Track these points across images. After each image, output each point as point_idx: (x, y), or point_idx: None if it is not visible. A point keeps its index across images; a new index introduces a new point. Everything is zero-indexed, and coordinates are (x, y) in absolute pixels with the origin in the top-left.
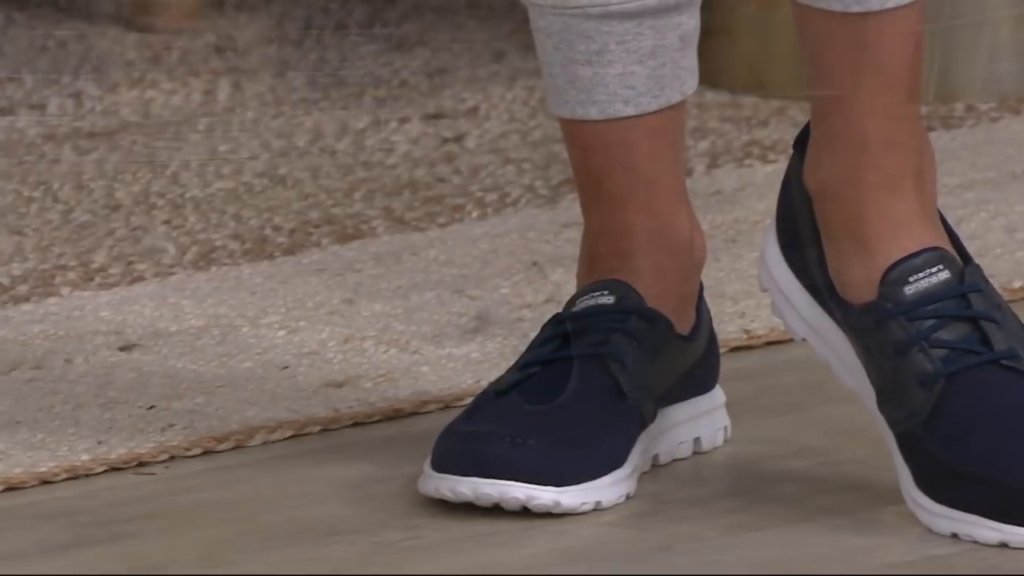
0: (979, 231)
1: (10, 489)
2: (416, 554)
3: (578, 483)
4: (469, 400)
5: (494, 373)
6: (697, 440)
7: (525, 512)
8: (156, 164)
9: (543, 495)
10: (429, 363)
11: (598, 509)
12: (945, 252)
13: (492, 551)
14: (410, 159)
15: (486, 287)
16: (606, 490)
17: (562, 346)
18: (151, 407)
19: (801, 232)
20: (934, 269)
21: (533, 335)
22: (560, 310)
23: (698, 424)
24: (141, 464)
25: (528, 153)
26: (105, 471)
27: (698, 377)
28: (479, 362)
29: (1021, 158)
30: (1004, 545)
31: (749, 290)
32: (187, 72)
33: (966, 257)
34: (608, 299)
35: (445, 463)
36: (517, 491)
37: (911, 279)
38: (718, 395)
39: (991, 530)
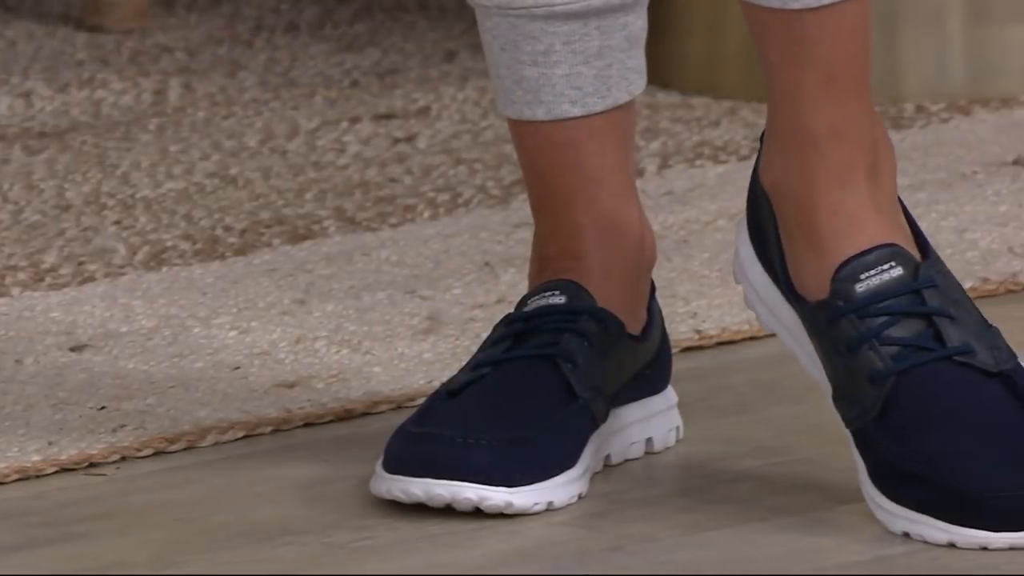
0: (929, 231)
1: None
2: (368, 554)
3: (530, 483)
4: (421, 400)
5: (446, 373)
6: (649, 440)
7: (477, 513)
8: (106, 164)
9: (495, 496)
10: (381, 363)
11: (550, 509)
12: (898, 248)
13: (444, 552)
14: (361, 159)
15: (438, 287)
16: (558, 490)
17: (513, 346)
18: (102, 408)
19: (764, 228)
20: (886, 266)
21: (485, 335)
22: (512, 310)
23: (650, 424)
24: (92, 465)
25: (480, 153)
26: (56, 472)
27: (650, 377)
28: (431, 362)
29: (971, 159)
30: (952, 545)
31: (700, 290)
32: (137, 72)
33: (926, 250)
34: (559, 299)
35: (397, 464)
36: (469, 492)
37: (862, 276)
38: (670, 395)
39: (939, 530)
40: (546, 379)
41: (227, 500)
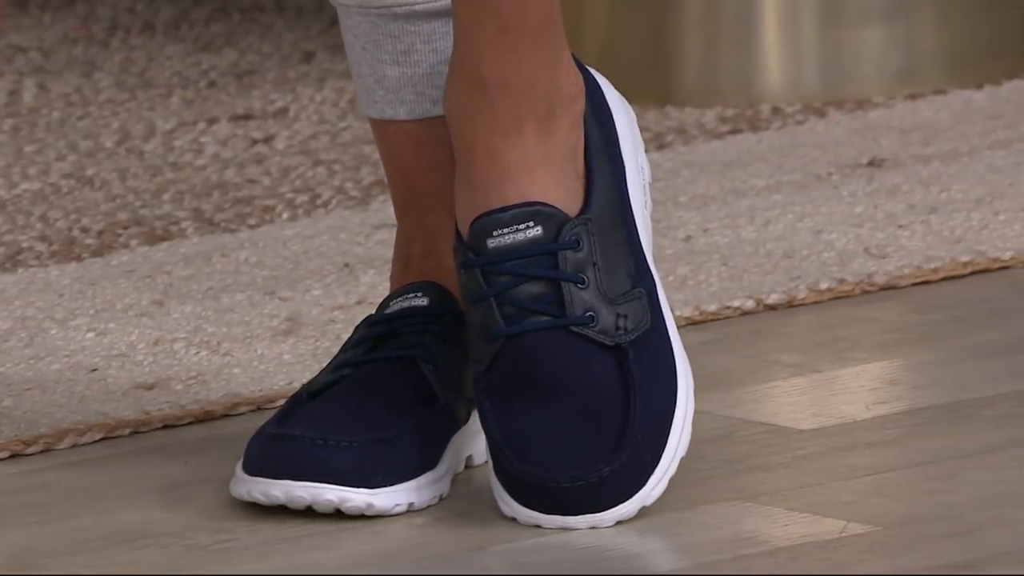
0: (786, 233)
1: None
2: (229, 556)
3: (391, 485)
4: (282, 402)
5: (306, 375)
6: None
7: (338, 514)
8: None
9: (356, 497)
10: (240, 365)
11: (412, 510)
12: (543, 208)
13: (305, 553)
14: (219, 160)
15: (297, 289)
16: (419, 491)
17: (375, 348)
18: None
19: None
20: (523, 225)
21: (345, 337)
22: (372, 311)
23: None
24: None
25: (338, 155)
26: None
27: None
28: (291, 364)
29: (826, 160)
30: (538, 527)
31: None
32: None
33: (588, 201)
34: (422, 301)
35: (257, 466)
36: (330, 493)
37: (495, 233)
38: None
39: (507, 506)
40: (407, 381)
41: (86, 502)
